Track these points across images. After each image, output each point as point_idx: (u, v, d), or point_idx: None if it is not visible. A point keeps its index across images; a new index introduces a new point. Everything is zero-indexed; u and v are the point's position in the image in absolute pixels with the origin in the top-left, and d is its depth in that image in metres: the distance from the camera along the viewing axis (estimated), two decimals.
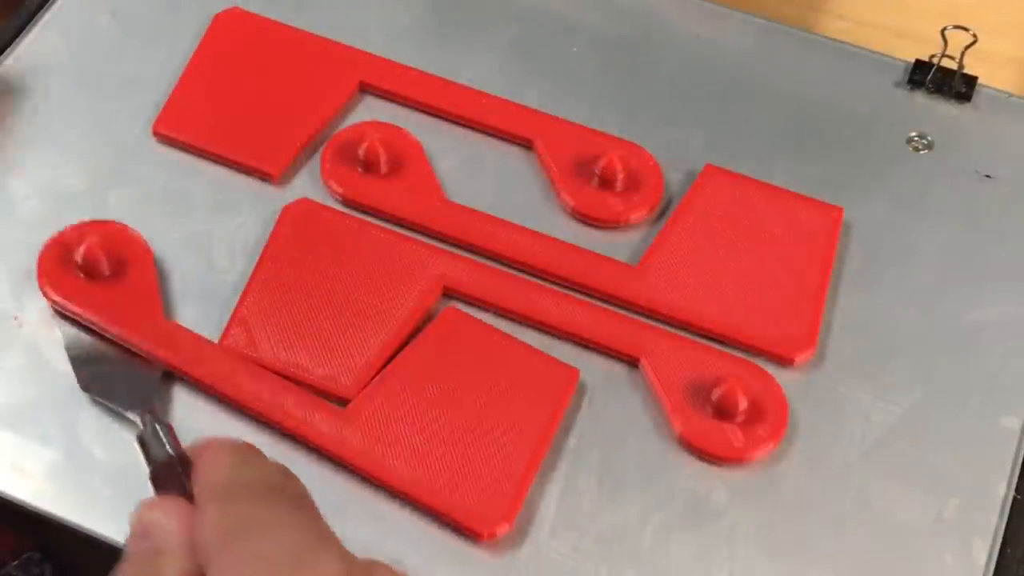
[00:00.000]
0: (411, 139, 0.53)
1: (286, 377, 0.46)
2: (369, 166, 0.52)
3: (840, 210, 0.52)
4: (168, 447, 0.39)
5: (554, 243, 0.50)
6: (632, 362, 0.48)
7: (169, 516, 0.36)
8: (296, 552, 0.33)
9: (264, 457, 0.36)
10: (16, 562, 0.46)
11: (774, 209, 0.51)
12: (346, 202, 0.52)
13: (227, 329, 0.47)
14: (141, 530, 0.37)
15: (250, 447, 0.37)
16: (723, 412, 0.46)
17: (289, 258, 0.49)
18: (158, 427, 0.40)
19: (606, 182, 0.52)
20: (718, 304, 0.49)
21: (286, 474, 0.36)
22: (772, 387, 0.47)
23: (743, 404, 0.46)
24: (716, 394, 0.46)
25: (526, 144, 0.54)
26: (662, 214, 0.52)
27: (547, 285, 0.50)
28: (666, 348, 0.48)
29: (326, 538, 0.34)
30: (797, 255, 0.50)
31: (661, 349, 0.48)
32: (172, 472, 0.38)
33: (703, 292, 0.49)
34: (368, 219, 0.51)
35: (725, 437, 0.46)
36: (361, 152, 0.52)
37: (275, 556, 0.33)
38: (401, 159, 0.52)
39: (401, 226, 0.51)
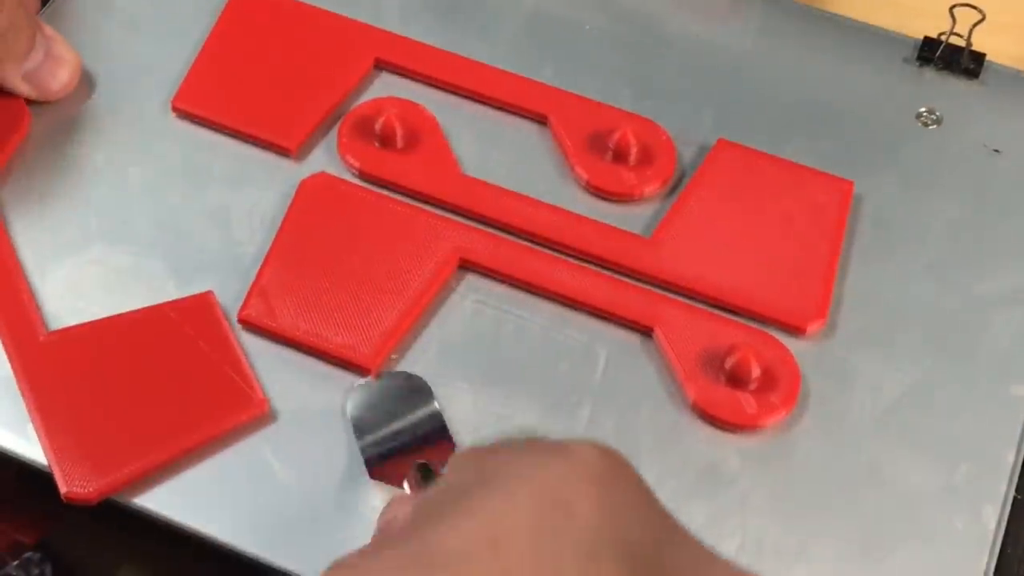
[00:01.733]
0: (427, 114, 0.54)
1: (305, 346, 0.47)
2: (385, 141, 0.52)
3: (850, 183, 0.52)
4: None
5: (568, 216, 0.51)
6: (646, 332, 0.49)
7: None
8: (551, 445, 0.33)
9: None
10: (16, 562, 0.46)
11: (785, 182, 0.52)
12: (363, 176, 0.52)
13: (246, 300, 0.48)
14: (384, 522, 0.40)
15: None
16: (736, 380, 0.46)
17: (307, 231, 0.50)
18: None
19: (620, 156, 0.52)
20: (730, 275, 0.50)
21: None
22: (784, 355, 0.47)
23: (756, 372, 0.46)
24: (729, 362, 0.46)
25: (541, 120, 0.54)
26: (675, 188, 0.53)
27: (562, 257, 0.50)
28: (680, 318, 0.48)
29: (582, 440, 0.33)
30: (808, 227, 0.51)
31: (675, 319, 0.48)
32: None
33: (715, 263, 0.50)
34: (384, 192, 0.52)
35: (738, 404, 0.46)
36: (378, 127, 0.52)
37: (528, 449, 0.33)
38: (417, 134, 0.53)
39: (417, 199, 0.52)
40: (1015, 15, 0.60)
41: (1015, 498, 0.46)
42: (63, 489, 0.43)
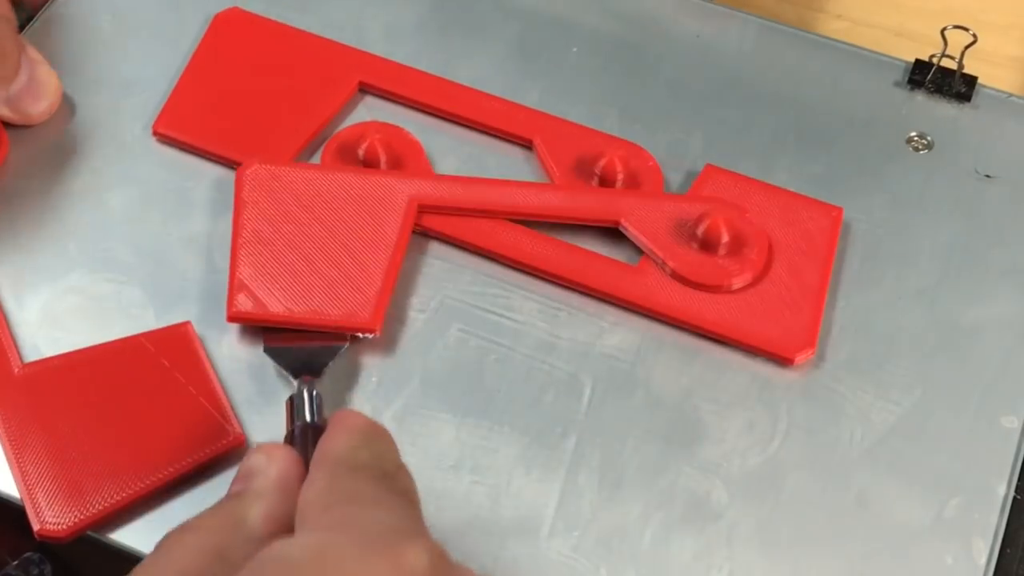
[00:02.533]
0: (411, 139, 0.53)
1: (304, 326, 0.47)
2: (369, 165, 0.52)
3: (840, 210, 0.51)
4: (310, 414, 0.42)
5: (555, 243, 0.50)
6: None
7: (272, 462, 0.38)
8: (390, 531, 0.34)
9: (388, 443, 0.38)
10: (16, 562, 0.46)
11: (774, 209, 0.51)
12: None
13: (230, 298, 0.48)
14: (243, 472, 0.39)
15: (380, 430, 0.38)
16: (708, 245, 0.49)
17: (265, 215, 0.50)
18: (311, 394, 0.43)
19: (606, 182, 0.52)
20: (717, 303, 0.49)
21: (400, 466, 0.37)
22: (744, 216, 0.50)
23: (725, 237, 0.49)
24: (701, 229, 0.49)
25: (526, 144, 0.54)
26: None
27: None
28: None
29: (421, 531, 0.35)
30: (797, 255, 0.50)
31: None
32: (304, 439, 0.41)
33: (702, 291, 0.49)
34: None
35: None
36: (361, 152, 0.52)
37: (370, 528, 0.34)
38: (401, 158, 0.52)
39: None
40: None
41: (1015, 498, 0.45)
42: (35, 527, 0.42)
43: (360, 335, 0.48)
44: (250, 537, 0.36)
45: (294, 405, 0.43)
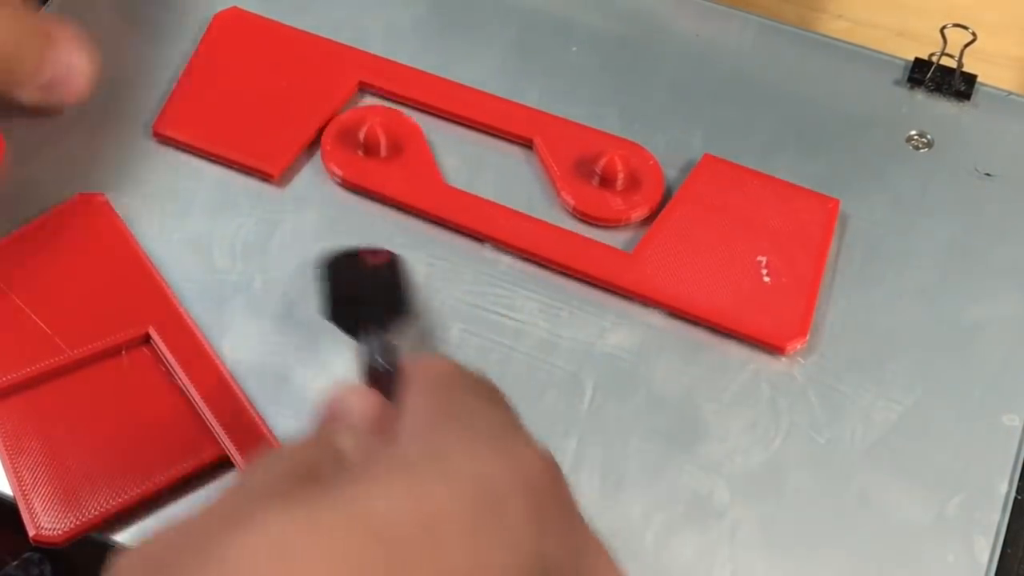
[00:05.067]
0: (410, 122, 0.54)
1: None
2: (369, 151, 0.52)
3: (836, 201, 0.52)
4: (388, 362, 0.41)
5: (550, 228, 0.51)
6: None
7: (362, 401, 0.37)
8: (501, 435, 0.33)
9: (471, 370, 0.37)
10: (16, 562, 0.46)
11: (770, 198, 0.52)
12: (345, 184, 0.52)
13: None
14: (329, 407, 0.38)
15: (457, 363, 0.37)
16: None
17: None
18: (388, 343, 0.42)
19: (607, 181, 0.52)
20: (711, 291, 0.49)
21: (495, 387, 0.37)
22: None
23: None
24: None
25: (526, 143, 0.54)
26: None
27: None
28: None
29: (529, 438, 0.34)
30: (792, 244, 0.50)
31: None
32: (384, 384, 0.39)
33: (696, 280, 0.50)
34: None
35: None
36: (361, 135, 0.52)
37: (483, 431, 0.33)
38: (400, 142, 0.53)
39: (399, 209, 0.52)
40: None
41: (1016, 499, 0.45)
42: (31, 532, 0.42)
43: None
44: (344, 468, 0.33)
45: (369, 353, 0.42)
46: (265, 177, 0.52)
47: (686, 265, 0.50)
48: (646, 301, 0.49)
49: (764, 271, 0.50)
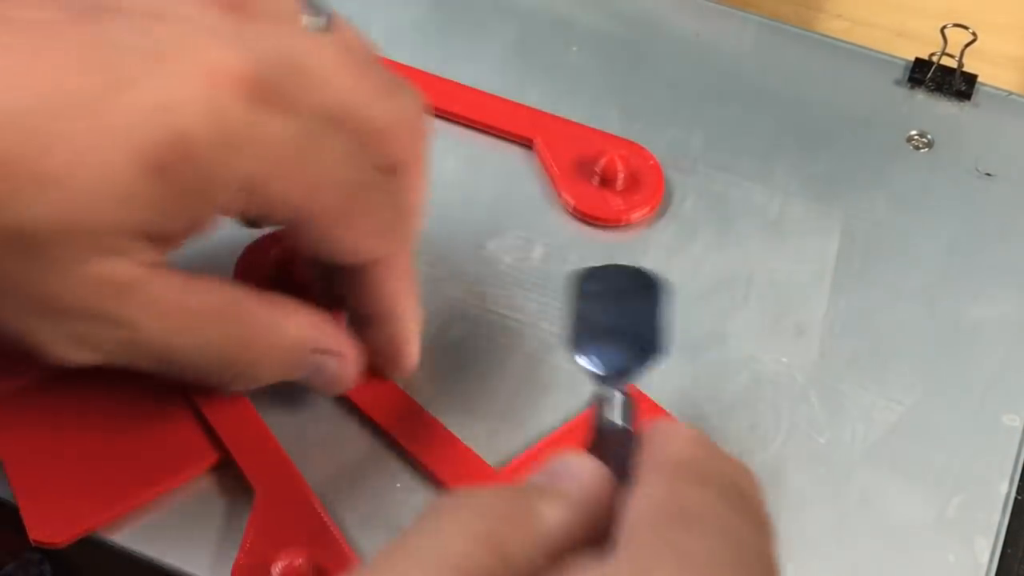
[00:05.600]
0: None
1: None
2: None
3: None
4: (623, 420, 0.36)
5: None
6: None
7: (585, 469, 0.32)
8: (727, 569, 0.28)
9: (724, 453, 0.32)
10: (16, 562, 0.46)
11: None
12: None
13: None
14: (550, 469, 0.32)
15: (707, 439, 0.32)
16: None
17: None
18: (623, 398, 0.37)
19: (607, 181, 0.52)
20: None
21: (748, 476, 0.32)
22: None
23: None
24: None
25: (526, 143, 0.54)
26: (663, 213, 0.52)
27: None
28: None
29: (770, 570, 0.29)
30: None
31: None
32: (616, 447, 0.35)
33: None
34: None
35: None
36: None
37: (704, 561, 0.28)
38: None
39: None
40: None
41: (1016, 499, 0.45)
42: (31, 534, 0.42)
43: None
44: (539, 540, 0.29)
45: (601, 409, 0.37)
46: None
47: None
48: None
49: None
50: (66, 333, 0.38)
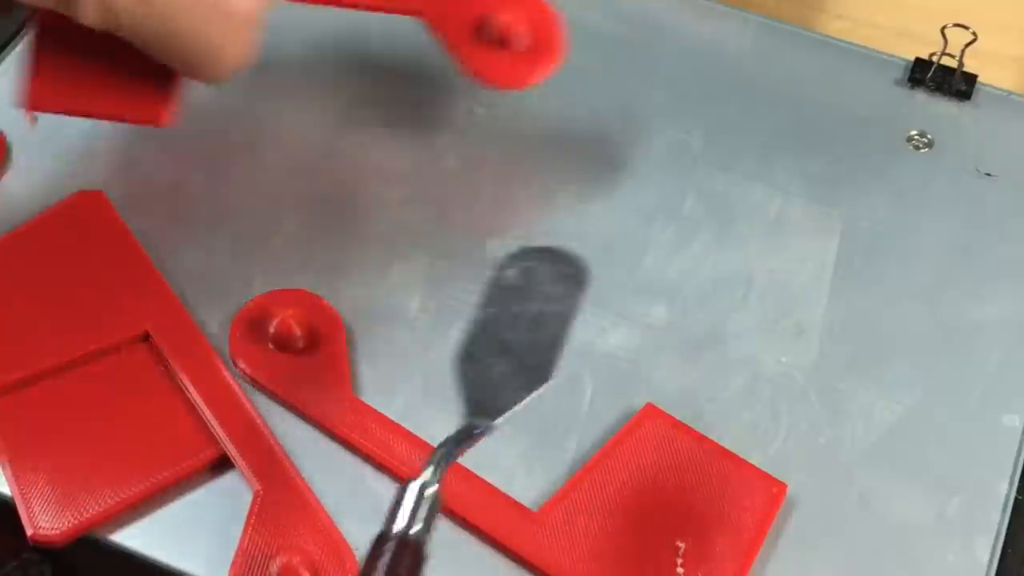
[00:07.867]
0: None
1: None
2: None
3: (783, 486, 0.45)
4: (422, 527, 0.35)
5: (464, 479, 0.45)
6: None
7: None
8: None
9: None
10: (16, 562, 0.46)
11: (710, 472, 0.45)
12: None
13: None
14: None
15: None
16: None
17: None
18: (419, 496, 0.36)
19: (504, 42, 0.49)
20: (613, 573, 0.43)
21: None
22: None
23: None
24: None
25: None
26: None
27: None
28: None
29: None
30: (722, 533, 0.44)
31: None
32: (398, 550, 0.35)
33: (599, 557, 0.43)
34: None
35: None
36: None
37: None
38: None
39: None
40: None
41: (1016, 499, 0.45)
42: (29, 532, 0.42)
43: None
44: None
45: (401, 504, 0.36)
46: None
47: (591, 537, 0.43)
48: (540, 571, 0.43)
49: (679, 560, 0.43)
50: None
